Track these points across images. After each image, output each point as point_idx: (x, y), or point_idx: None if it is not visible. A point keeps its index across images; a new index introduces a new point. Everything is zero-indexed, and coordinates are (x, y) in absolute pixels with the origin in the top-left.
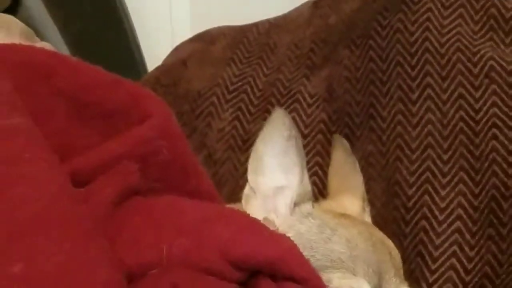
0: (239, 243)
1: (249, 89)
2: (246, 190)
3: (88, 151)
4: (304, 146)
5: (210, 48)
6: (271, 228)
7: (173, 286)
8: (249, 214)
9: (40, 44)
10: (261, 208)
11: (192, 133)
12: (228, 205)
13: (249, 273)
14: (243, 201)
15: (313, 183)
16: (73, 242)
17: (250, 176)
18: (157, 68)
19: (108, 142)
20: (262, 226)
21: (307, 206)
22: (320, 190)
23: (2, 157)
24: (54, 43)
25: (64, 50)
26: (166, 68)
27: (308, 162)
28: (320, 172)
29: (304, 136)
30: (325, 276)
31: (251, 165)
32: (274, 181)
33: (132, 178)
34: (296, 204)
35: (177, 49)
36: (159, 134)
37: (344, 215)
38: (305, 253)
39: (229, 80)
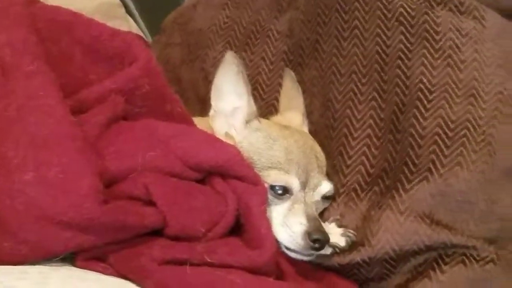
0: (196, 152)
1: (236, 28)
2: (211, 112)
3: (94, 85)
4: (270, 70)
5: None
6: (230, 140)
7: (144, 185)
8: (206, 131)
9: None
10: (223, 125)
11: (195, 59)
12: (201, 117)
13: (205, 173)
14: (210, 120)
15: (274, 99)
16: (69, 157)
17: (212, 102)
18: (176, 10)
19: (106, 79)
20: (215, 139)
21: (256, 122)
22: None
23: (25, 92)
24: None
25: None
26: (181, 10)
27: (273, 83)
28: (279, 89)
29: (271, 63)
30: (266, 173)
31: (213, 94)
32: (230, 104)
33: (119, 108)
34: (247, 121)
35: None
36: (143, 73)
37: (286, 127)
38: (254, 157)
39: (222, 20)
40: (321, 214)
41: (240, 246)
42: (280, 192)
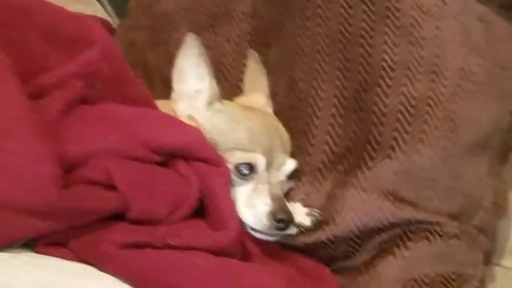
0: (158, 135)
1: (200, 9)
2: (174, 95)
3: (53, 70)
4: (235, 51)
5: None
6: (193, 122)
7: (105, 169)
8: (170, 114)
9: None
10: (186, 107)
11: (160, 43)
12: (165, 101)
13: (168, 156)
14: (172, 102)
15: (239, 80)
16: (27, 143)
17: (175, 84)
18: None
19: (65, 64)
20: (177, 121)
21: (218, 104)
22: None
23: None
24: None
25: None
26: None
27: (237, 64)
28: (244, 70)
29: (235, 43)
30: (230, 154)
31: (175, 76)
32: (192, 86)
33: (78, 92)
34: (210, 103)
35: None
36: (102, 56)
37: (250, 108)
38: (218, 139)
39: (186, 2)
40: (287, 194)
41: (204, 228)
42: (245, 171)
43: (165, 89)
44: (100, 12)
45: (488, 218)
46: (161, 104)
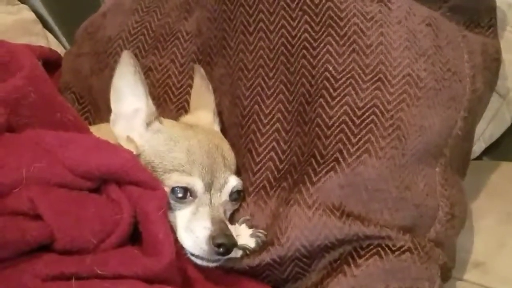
0: (85, 160)
1: (145, 32)
2: (112, 116)
3: None
4: (180, 72)
5: (123, 1)
6: (132, 144)
7: (29, 199)
8: (98, 137)
9: None
10: (125, 128)
11: (104, 68)
12: (99, 125)
13: (99, 181)
14: (111, 124)
15: (185, 101)
16: None
17: (112, 105)
18: (88, 19)
19: None
20: (107, 145)
21: (157, 124)
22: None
23: None
24: None
25: None
26: (92, 18)
27: (183, 85)
28: (190, 91)
29: (180, 65)
30: (167, 176)
31: (112, 97)
32: (130, 105)
33: (1, 120)
34: (148, 124)
35: (104, 2)
36: (27, 81)
37: (191, 127)
38: (155, 161)
39: (131, 26)
40: (232, 215)
41: (135, 255)
42: (180, 195)
43: (110, 114)
44: (54, 44)
45: (444, 231)
46: (101, 127)
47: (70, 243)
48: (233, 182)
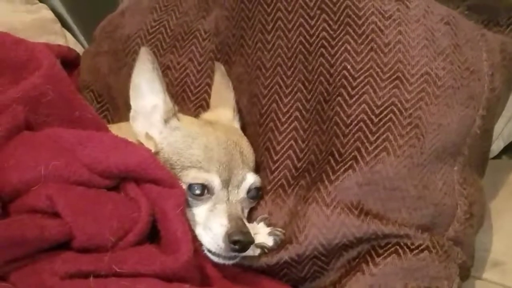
0: (103, 158)
1: (163, 31)
2: (132, 113)
3: None
4: (199, 71)
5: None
6: (150, 141)
7: (48, 196)
8: (116, 135)
9: None
10: (144, 125)
11: (123, 67)
12: (119, 124)
13: (117, 180)
14: (130, 121)
15: (203, 99)
16: None
17: (132, 101)
18: (106, 18)
19: (9, 90)
20: (126, 142)
21: (175, 121)
22: (208, 103)
23: None
24: None
25: None
26: (110, 17)
27: (201, 84)
28: (208, 90)
29: (199, 63)
30: (185, 173)
31: (132, 93)
32: (149, 101)
33: (20, 118)
34: (166, 120)
35: (122, 1)
36: (45, 80)
37: (210, 123)
38: (173, 158)
39: (150, 24)
40: (250, 214)
41: (154, 252)
42: (197, 192)
43: (128, 112)
44: (72, 43)
45: (463, 229)
46: (122, 126)
47: (88, 241)
48: (251, 179)
